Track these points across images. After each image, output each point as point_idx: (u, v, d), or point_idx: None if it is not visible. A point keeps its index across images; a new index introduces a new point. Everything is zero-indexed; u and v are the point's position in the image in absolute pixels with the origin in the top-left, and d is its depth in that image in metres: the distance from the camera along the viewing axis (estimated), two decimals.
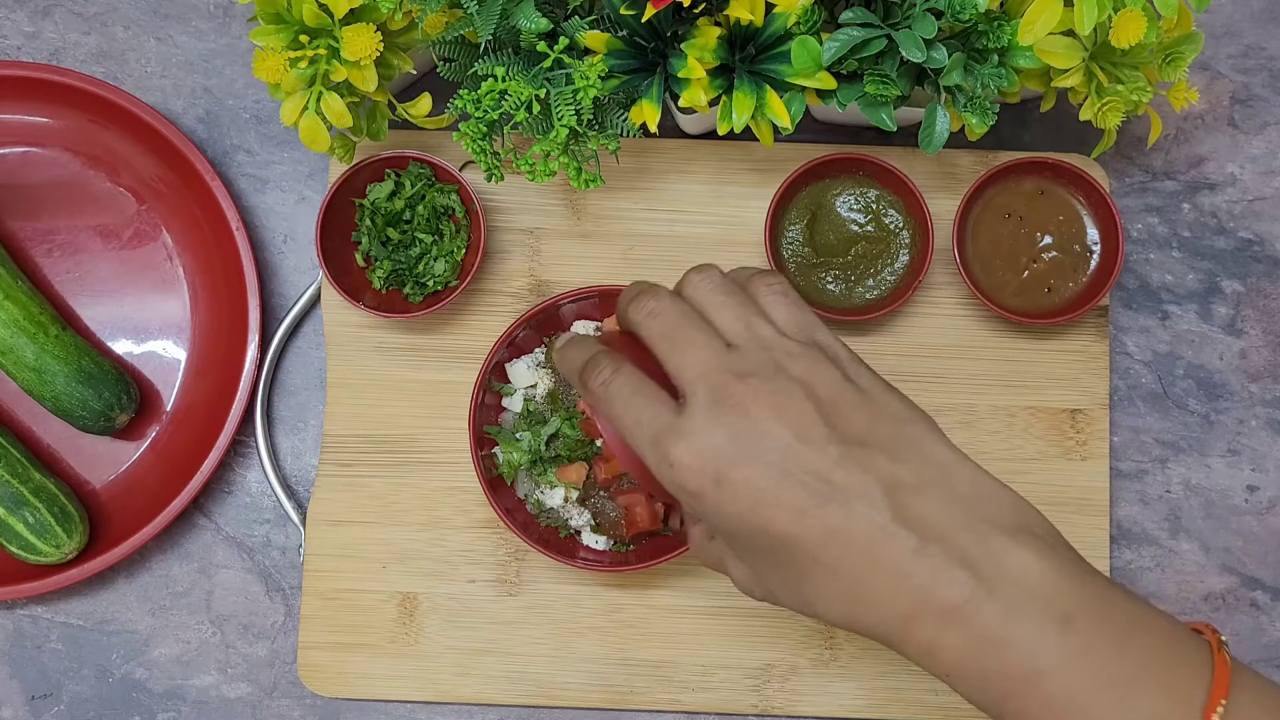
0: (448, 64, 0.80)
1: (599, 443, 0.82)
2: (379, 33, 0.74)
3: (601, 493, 0.83)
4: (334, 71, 0.75)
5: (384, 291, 0.87)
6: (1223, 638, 0.53)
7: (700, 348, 0.56)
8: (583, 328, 0.84)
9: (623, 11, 0.75)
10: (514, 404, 0.84)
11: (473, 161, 0.86)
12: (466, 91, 0.77)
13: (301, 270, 0.91)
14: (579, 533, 0.84)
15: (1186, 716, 0.50)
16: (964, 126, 0.79)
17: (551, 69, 0.77)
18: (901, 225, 0.86)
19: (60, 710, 0.88)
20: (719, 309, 0.58)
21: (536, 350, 0.85)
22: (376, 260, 0.87)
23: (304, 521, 0.87)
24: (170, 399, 0.90)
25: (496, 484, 0.83)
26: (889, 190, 0.86)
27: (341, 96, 0.77)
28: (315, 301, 0.89)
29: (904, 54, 0.73)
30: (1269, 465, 0.89)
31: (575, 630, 0.86)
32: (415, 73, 0.82)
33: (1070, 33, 0.75)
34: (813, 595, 0.55)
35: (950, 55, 0.74)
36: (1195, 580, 0.88)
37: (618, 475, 0.82)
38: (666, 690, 0.86)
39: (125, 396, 0.86)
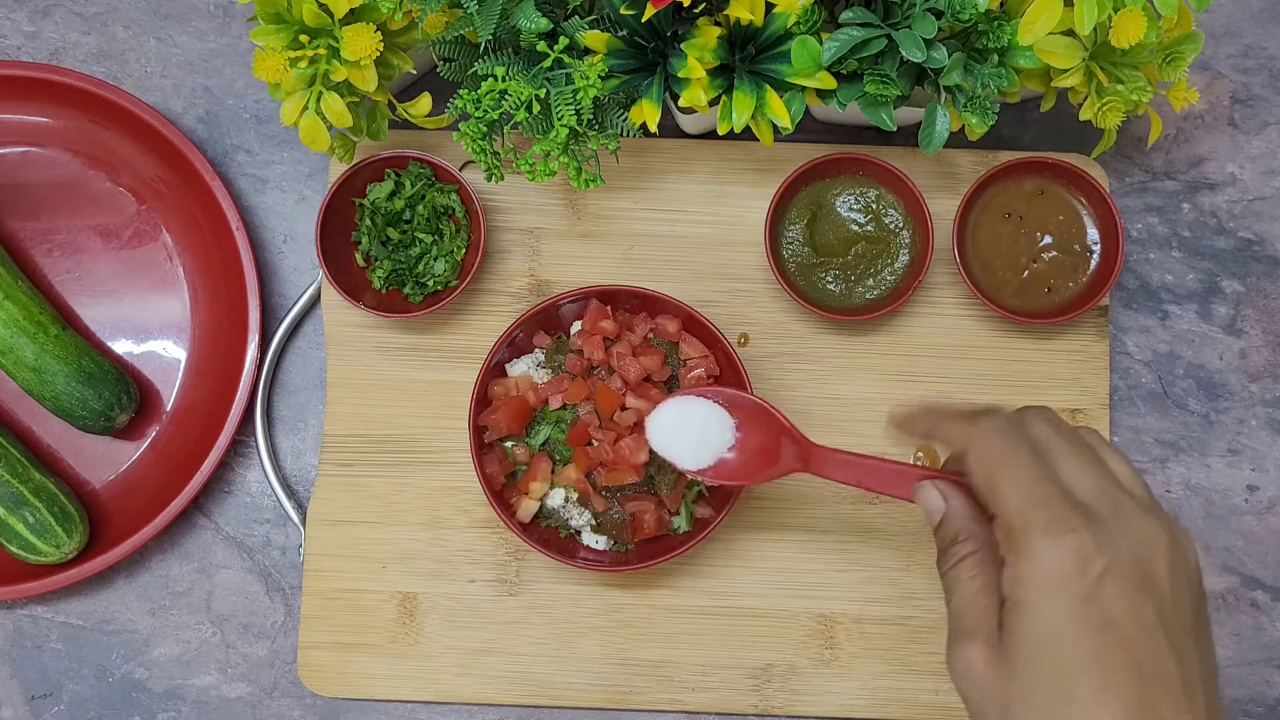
0: (448, 64, 0.80)
1: (595, 442, 0.82)
2: (379, 33, 0.74)
3: (605, 494, 0.82)
4: (334, 71, 0.75)
5: (384, 291, 0.87)
6: None
7: (1093, 475, 0.56)
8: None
9: (623, 11, 0.75)
10: None
11: (473, 161, 0.86)
12: (466, 91, 0.77)
13: (301, 270, 0.91)
14: (579, 533, 0.84)
15: None
16: (964, 126, 0.79)
17: (551, 69, 0.77)
18: (901, 225, 0.86)
19: (60, 710, 0.88)
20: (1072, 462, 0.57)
21: (537, 350, 0.85)
22: (376, 260, 0.87)
23: (304, 521, 0.87)
24: (170, 399, 0.90)
25: (496, 483, 0.83)
26: (889, 190, 0.86)
27: (341, 96, 0.77)
28: (315, 301, 0.89)
29: (904, 54, 0.73)
30: (1269, 465, 0.89)
31: (575, 630, 0.86)
32: (415, 73, 0.82)
33: (1070, 33, 0.75)
34: None
35: (950, 55, 0.74)
36: None
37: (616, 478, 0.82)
38: (666, 690, 0.86)
39: (125, 396, 0.86)
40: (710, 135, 0.90)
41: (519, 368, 0.84)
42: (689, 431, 0.75)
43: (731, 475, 0.74)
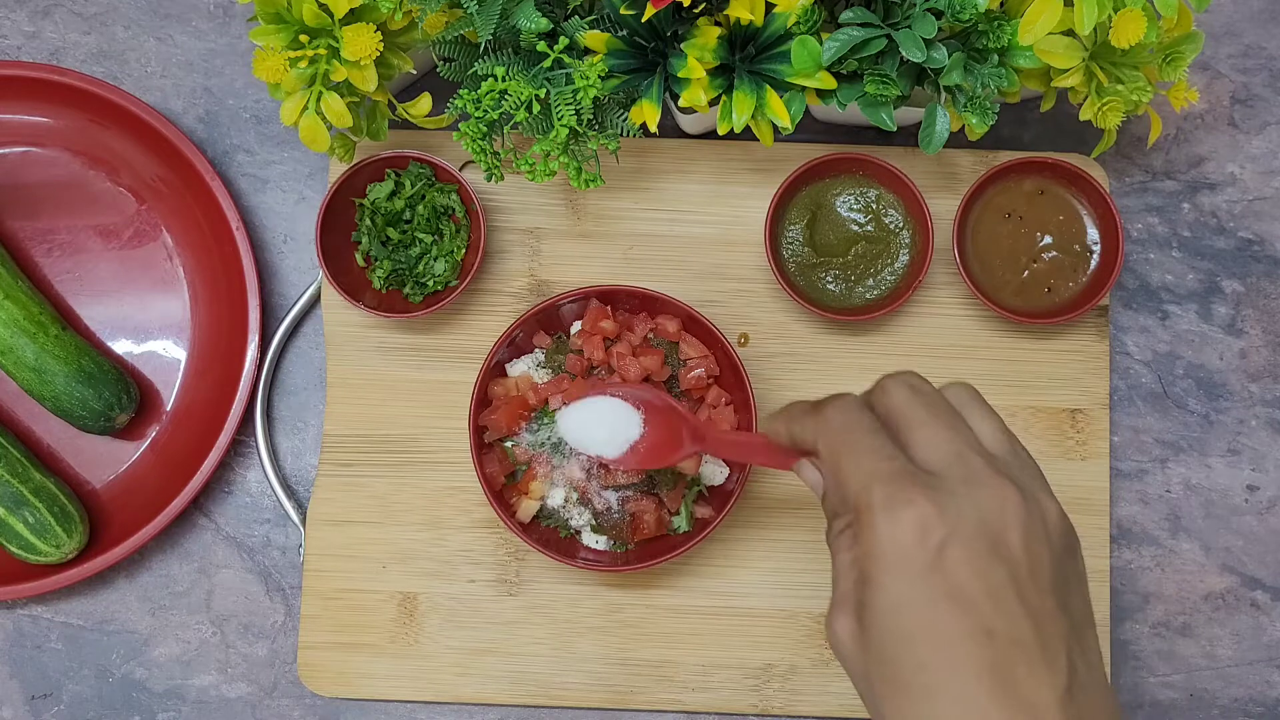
0: (448, 64, 0.80)
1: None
2: (379, 32, 0.74)
3: (607, 493, 0.83)
4: (334, 71, 0.75)
5: (384, 291, 0.87)
6: None
7: (941, 427, 0.56)
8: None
9: (623, 11, 0.75)
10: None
11: (473, 161, 0.86)
12: (466, 91, 0.77)
13: (301, 270, 0.91)
14: (579, 533, 0.84)
15: None
16: (964, 126, 0.79)
17: (551, 69, 0.77)
18: (901, 225, 0.86)
19: (60, 710, 0.88)
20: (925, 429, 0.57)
21: (537, 350, 0.85)
22: (376, 260, 0.87)
23: (304, 521, 0.87)
24: (170, 399, 0.90)
25: (496, 483, 0.83)
26: (889, 190, 0.86)
27: (341, 96, 0.77)
28: (315, 301, 0.89)
29: (904, 54, 0.73)
30: (1269, 465, 0.89)
31: (575, 630, 0.86)
32: (415, 73, 0.82)
33: (1070, 32, 0.75)
34: (899, 710, 0.52)
35: (950, 55, 0.74)
36: (1195, 580, 0.88)
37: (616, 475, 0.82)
38: (666, 690, 0.86)
39: (125, 396, 0.86)
40: (710, 135, 0.90)
41: (519, 368, 0.84)
42: (599, 426, 0.77)
43: (641, 461, 0.77)
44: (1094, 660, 0.54)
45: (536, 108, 0.76)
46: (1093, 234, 0.86)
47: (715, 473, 0.83)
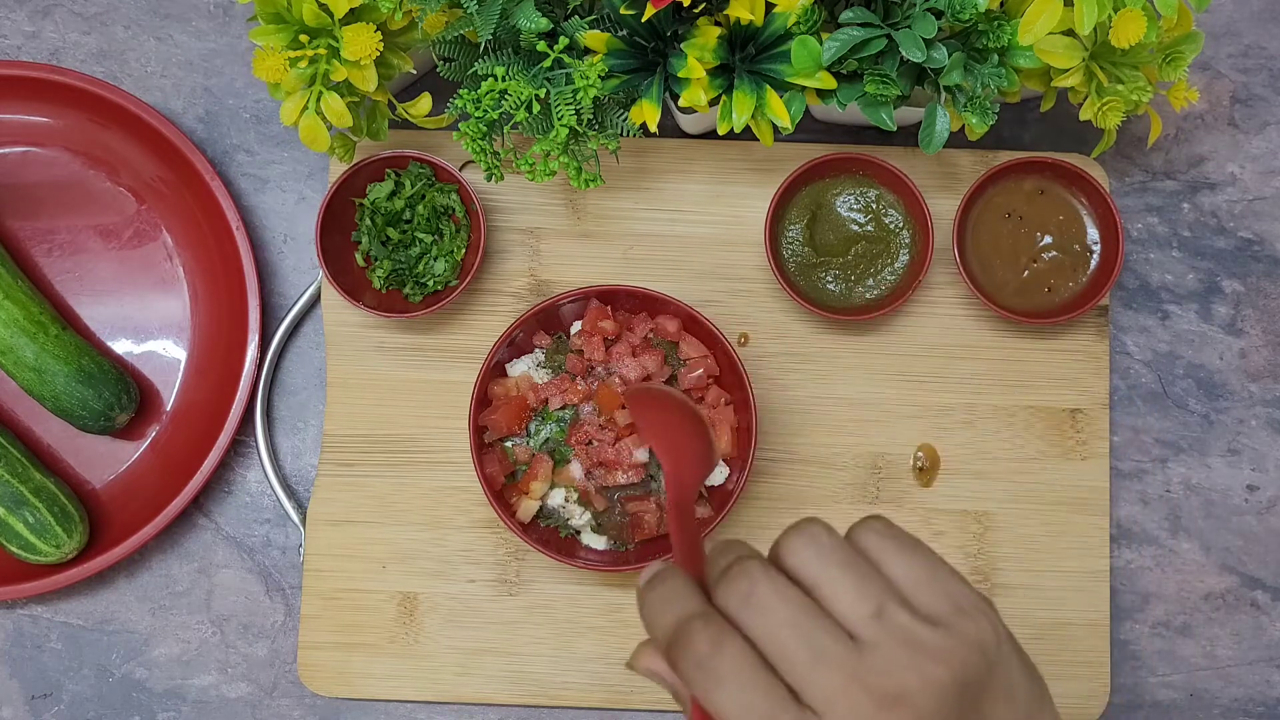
0: (448, 64, 0.80)
1: (594, 442, 0.82)
2: (379, 32, 0.74)
3: (605, 494, 0.82)
4: (334, 71, 0.75)
5: (384, 291, 0.87)
6: None
7: (829, 658, 0.45)
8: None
9: (623, 11, 0.75)
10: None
11: (473, 161, 0.86)
12: (466, 91, 0.77)
13: (301, 270, 0.91)
14: (579, 533, 0.84)
15: None
16: (964, 126, 0.79)
17: (551, 69, 0.77)
18: (901, 225, 0.86)
19: (60, 710, 0.88)
20: (837, 587, 0.47)
21: (537, 350, 0.85)
22: (376, 260, 0.87)
23: (304, 521, 0.87)
24: (170, 399, 0.90)
25: (496, 483, 0.83)
26: (889, 190, 0.86)
27: (341, 96, 0.77)
28: (315, 301, 0.89)
29: (904, 54, 0.73)
30: (1269, 465, 0.89)
31: (575, 630, 0.86)
32: (415, 73, 0.82)
33: (1070, 32, 0.75)
34: None
35: (950, 55, 0.74)
36: (1195, 580, 0.88)
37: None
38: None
39: (125, 396, 0.86)
40: (710, 135, 0.90)
41: (519, 368, 0.84)
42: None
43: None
44: None
45: (536, 108, 0.76)
46: (1093, 234, 0.86)
47: (715, 473, 0.83)
